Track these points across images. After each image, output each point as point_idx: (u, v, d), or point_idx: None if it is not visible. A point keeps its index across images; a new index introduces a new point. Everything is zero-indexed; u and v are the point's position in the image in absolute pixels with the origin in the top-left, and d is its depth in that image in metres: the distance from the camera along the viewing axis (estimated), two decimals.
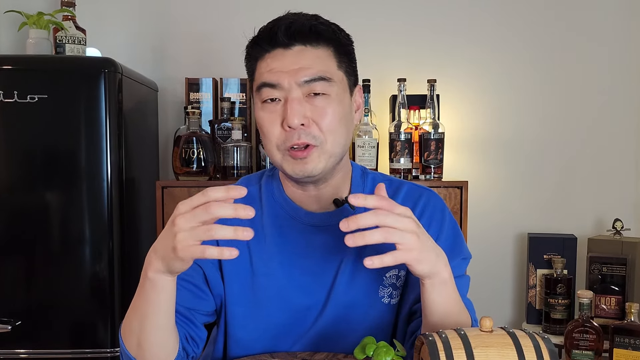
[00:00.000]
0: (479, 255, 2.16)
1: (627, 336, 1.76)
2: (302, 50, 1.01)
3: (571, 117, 2.37)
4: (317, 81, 1.01)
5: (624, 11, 2.33)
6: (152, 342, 0.96)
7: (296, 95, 1.00)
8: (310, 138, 1.01)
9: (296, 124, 0.99)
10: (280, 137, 1.02)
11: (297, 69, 1.00)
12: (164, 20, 2.37)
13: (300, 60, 1.01)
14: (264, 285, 1.10)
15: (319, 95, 1.01)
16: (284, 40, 1.01)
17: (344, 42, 1.06)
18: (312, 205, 1.11)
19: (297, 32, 1.01)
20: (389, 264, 0.85)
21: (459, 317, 0.96)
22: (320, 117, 1.01)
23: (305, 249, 1.10)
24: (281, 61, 1.01)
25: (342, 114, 1.04)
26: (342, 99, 1.04)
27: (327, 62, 1.03)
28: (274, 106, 1.02)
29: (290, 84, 1.00)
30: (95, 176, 1.81)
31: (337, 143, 1.04)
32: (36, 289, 1.83)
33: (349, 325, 1.10)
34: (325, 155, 1.03)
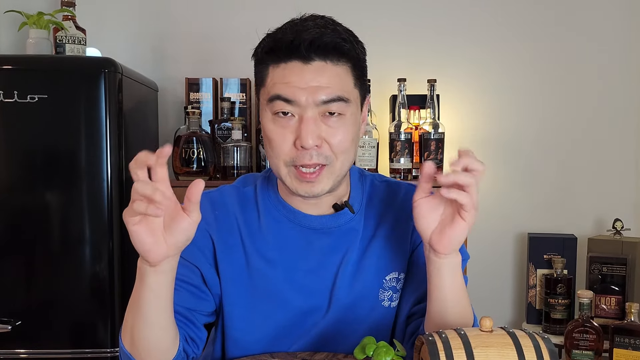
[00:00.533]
0: (479, 255, 2.16)
1: (627, 336, 1.76)
2: (322, 66, 0.97)
3: (571, 117, 2.37)
4: (335, 102, 0.97)
5: (624, 11, 2.33)
6: (144, 338, 0.95)
7: (312, 114, 0.97)
8: (322, 158, 0.99)
9: (310, 145, 0.96)
10: (290, 154, 0.99)
11: (315, 87, 0.96)
12: (164, 20, 2.37)
13: (320, 77, 0.97)
14: (262, 286, 1.09)
15: (334, 115, 0.98)
16: (305, 54, 0.96)
17: (361, 57, 1.03)
18: (311, 209, 1.10)
19: (321, 49, 0.97)
20: (459, 199, 0.86)
21: (464, 310, 0.96)
22: (333, 137, 0.98)
23: (304, 251, 1.09)
24: (299, 76, 0.97)
25: (354, 134, 1.02)
26: (355, 118, 1.02)
27: (346, 80, 1.00)
28: (286, 121, 0.99)
29: (307, 101, 0.96)
30: (95, 176, 1.81)
31: (347, 162, 1.03)
32: (36, 289, 1.83)
33: (348, 327, 1.09)
34: (334, 175, 1.01)
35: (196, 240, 1.07)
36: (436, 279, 0.94)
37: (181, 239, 0.87)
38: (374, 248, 1.10)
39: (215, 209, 1.11)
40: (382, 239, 1.10)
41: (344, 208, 1.10)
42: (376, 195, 1.13)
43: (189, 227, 0.87)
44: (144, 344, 0.95)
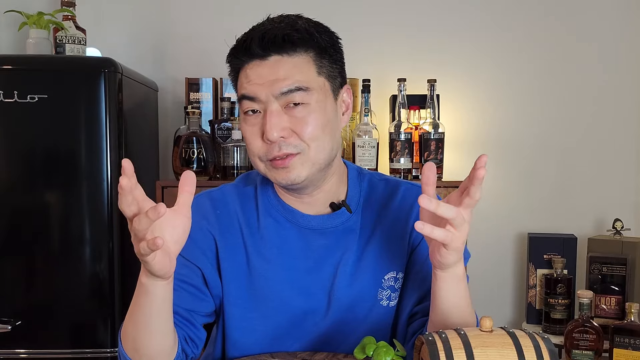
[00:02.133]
0: (479, 255, 2.16)
1: (627, 336, 1.76)
2: (278, 60, 0.99)
3: (571, 117, 2.37)
4: (295, 92, 0.98)
5: (624, 11, 2.33)
6: (148, 346, 0.96)
7: (274, 107, 0.99)
8: (292, 148, 1.00)
9: (275, 137, 0.98)
10: (262, 149, 1.01)
11: (273, 81, 0.98)
12: (164, 20, 2.37)
13: (277, 71, 0.98)
14: (262, 286, 1.09)
15: (298, 105, 0.99)
16: (258, 51, 0.99)
17: (324, 45, 1.02)
18: (308, 209, 1.10)
19: (271, 43, 0.98)
20: (436, 237, 0.85)
21: (467, 316, 0.96)
22: (300, 127, 0.99)
23: (303, 251, 1.09)
24: (257, 73, 0.99)
25: (325, 121, 1.01)
26: (324, 106, 1.02)
27: (305, 70, 1.00)
28: (254, 118, 1.01)
29: (267, 96, 0.99)
30: (95, 176, 1.81)
31: (321, 149, 1.01)
32: (36, 289, 1.83)
33: (347, 327, 1.09)
34: (309, 162, 1.01)
35: (198, 240, 1.07)
36: (438, 289, 0.94)
37: (184, 241, 0.90)
38: (372, 247, 1.10)
39: (217, 208, 1.11)
40: (380, 238, 1.10)
41: (341, 207, 1.10)
42: (374, 194, 1.13)
43: (187, 226, 0.89)
44: (147, 352, 0.96)
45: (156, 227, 0.84)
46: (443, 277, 0.92)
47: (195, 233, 1.00)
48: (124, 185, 0.82)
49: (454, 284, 0.93)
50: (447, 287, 0.93)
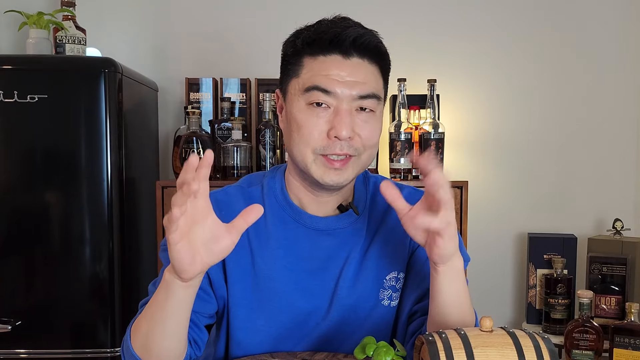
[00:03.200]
0: (479, 255, 2.16)
1: (627, 336, 1.76)
2: (360, 64, 1.02)
3: (571, 117, 2.37)
4: (369, 98, 1.02)
5: (624, 11, 2.33)
6: (160, 347, 0.95)
7: (348, 107, 1.01)
8: (352, 150, 1.02)
9: (345, 136, 1.00)
10: (321, 143, 1.02)
11: (353, 82, 1.01)
12: (164, 20, 2.37)
13: (358, 73, 1.01)
14: (267, 287, 1.09)
15: (365, 111, 1.03)
16: (347, 49, 1.01)
17: (389, 62, 1.08)
18: (316, 209, 1.10)
19: (363, 47, 1.02)
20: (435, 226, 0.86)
21: (466, 312, 0.96)
22: (364, 132, 1.03)
23: (309, 252, 1.10)
24: (339, 69, 1.01)
25: (380, 131, 1.08)
26: (381, 117, 1.08)
27: (378, 79, 1.05)
28: (321, 111, 1.01)
29: (344, 94, 1.00)
30: (95, 176, 1.81)
31: (372, 157, 1.08)
32: (36, 289, 1.83)
33: (350, 328, 1.10)
34: (359, 166, 1.05)
35: None
36: (437, 284, 0.94)
37: (215, 259, 0.88)
38: (375, 248, 1.10)
39: (222, 210, 1.10)
40: (382, 239, 1.11)
41: (348, 209, 1.10)
42: (379, 197, 1.14)
43: (227, 248, 0.87)
44: (158, 352, 0.96)
45: (195, 218, 0.84)
46: (443, 271, 0.92)
47: None
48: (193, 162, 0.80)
49: (453, 279, 0.93)
50: (447, 282, 0.93)
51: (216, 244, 0.86)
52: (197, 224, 0.85)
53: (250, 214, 0.86)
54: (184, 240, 0.83)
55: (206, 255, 0.86)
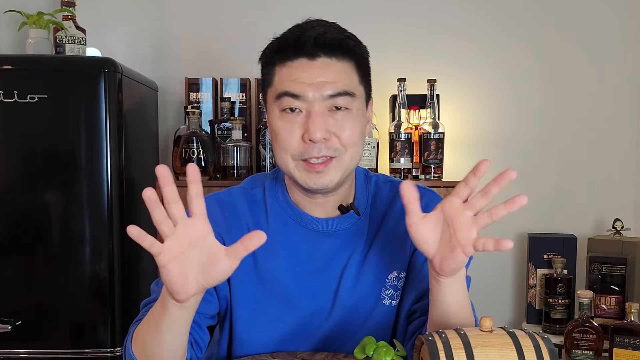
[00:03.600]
0: (479, 255, 2.15)
1: (627, 336, 1.76)
2: (327, 63, 1.00)
3: (571, 117, 2.37)
4: (342, 96, 1.00)
5: (624, 10, 2.33)
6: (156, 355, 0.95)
7: (319, 108, 0.99)
8: (332, 151, 1.01)
9: (319, 138, 0.98)
10: (298, 148, 1.01)
11: (322, 82, 0.99)
12: (164, 20, 2.37)
13: (326, 73, 1.00)
14: (269, 288, 1.10)
15: (341, 110, 1.01)
16: (311, 51, 0.99)
17: (365, 57, 1.06)
18: (317, 211, 1.10)
19: (327, 45, 0.99)
20: (484, 246, 0.88)
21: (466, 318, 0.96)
22: (341, 131, 1.01)
23: (311, 253, 1.10)
24: (306, 72, 0.99)
25: (362, 129, 1.04)
26: (362, 113, 1.04)
27: (351, 76, 1.02)
28: (294, 116, 1.01)
29: (314, 96, 0.99)
30: (95, 176, 1.81)
31: (355, 156, 1.04)
32: (36, 289, 1.83)
33: (352, 327, 1.10)
34: (342, 167, 1.03)
35: None
36: (442, 295, 0.93)
37: (212, 282, 0.84)
38: (377, 248, 1.10)
39: (225, 211, 1.11)
40: (384, 239, 1.11)
41: (349, 210, 1.10)
42: (380, 196, 1.14)
43: (224, 272, 0.83)
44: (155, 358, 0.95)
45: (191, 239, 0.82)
46: (449, 283, 0.91)
47: None
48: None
49: (458, 287, 0.93)
50: (452, 291, 0.92)
51: (213, 267, 0.82)
52: (193, 246, 0.82)
53: (252, 241, 0.82)
54: (174, 261, 0.81)
55: (202, 278, 0.83)
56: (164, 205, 0.82)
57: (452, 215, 0.88)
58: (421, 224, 0.88)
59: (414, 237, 0.89)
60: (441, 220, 0.88)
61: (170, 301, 0.86)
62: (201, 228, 0.82)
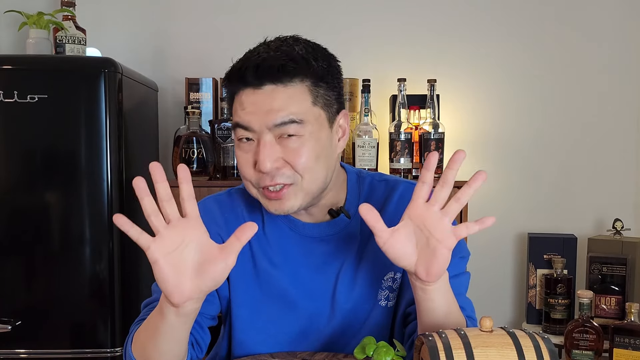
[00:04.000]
0: (478, 255, 2.15)
1: (627, 336, 1.76)
2: (272, 90, 0.97)
3: (571, 117, 2.37)
4: (289, 124, 0.96)
5: (624, 10, 2.33)
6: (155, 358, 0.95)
7: (268, 138, 0.97)
8: (285, 178, 0.98)
9: (268, 168, 0.97)
10: (255, 177, 1.00)
11: (267, 111, 0.96)
12: (164, 20, 2.37)
13: (271, 101, 0.96)
14: (268, 290, 1.10)
15: (292, 137, 0.97)
16: (252, 80, 0.97)
17: (320, 73, 1.00)
18: (308, 218, 1.10)
19: (266, 73, 0.96)
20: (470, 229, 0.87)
21: (456, 319, 0.95)
22: (293, 158, 0.98)
23: (306, 257, 1.10)
24: (252, 101, 0.97)
25: (319, 151, 1.00)
26: (318, 136, 1.00)
27: (300, 101, 0.98)
28: (248, 146, 1.00)
29: (261, 127, 0.97)
30: (95, 176, 1.81)
31: (314, 180, 1.01)
32: (36, 289, 1.83)
33: (350, 331, 1.10)
34: (302, 192, 1.00)
35: None
36: (427, 303, 0.92)
37: (209, 284, 0.84)
38: (372, 249, 1.10)
39: (225, 212, 1.11)
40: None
41: (340, 214, 1.09)
42: (374, 196, 1.13)
43: (221, 271, 0.83)
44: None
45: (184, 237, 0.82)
46: (437, 288, 0.90)
47: None
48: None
49: (446, 289, 0.92)
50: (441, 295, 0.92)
51: (208, 267, 0.82)
52: (186, 244, 0.82)
53: (244, 233, 0.82)
54: (166, 258, 0.81)
55: (198, 280, 0.82)
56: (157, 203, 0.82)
57: (421, 217, 0.87)
58: (393, 240, 0.87)
59: (390, 255, 0.88)
60: (412, 228, 0.88)
61: (168, 307, 0.86)
62: (195, 227, 0.83)
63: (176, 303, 0.84)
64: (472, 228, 0.87)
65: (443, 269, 0.88)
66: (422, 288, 0.91)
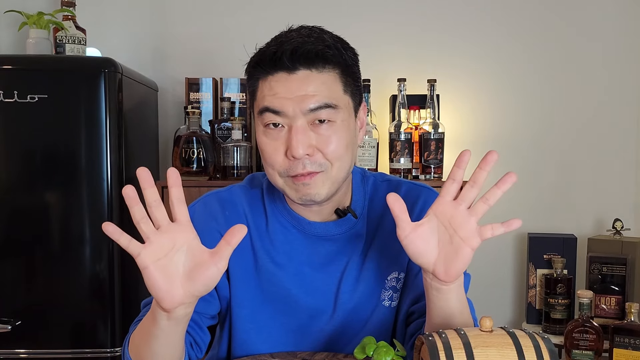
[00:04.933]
0: (479, 255, 2.14)
1: (627, 336, 1.76)
2: (307, 75, 0.96)
3: (571, 117, 2.37)
4: (323, 109, 0.96)
5: (624, 11, 2.33)
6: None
7: (301, 124, 0.96)
8: (316, 166, 0.98)
9: (301, 155, 0.96)
10: (284, 165, 0.99)
11: (302, 96, 0.96)
12: (164, 20, 2.37)
13: (306, 86, 0.96)
14: (270, 289, 1.10)
15: (324, 123, 0.97)
16: (288, 64, 0.96)
17: (350, 62, 1.01)
18: (314, 216, 1.10)
19: (303, 57, 0.96)
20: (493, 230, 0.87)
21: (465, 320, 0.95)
22: (325, 145, 0.97)
23: (310, 256, 1.10)
24: (285, 86, 0.96)
25: (348, 140, 1.00)
26: (348, 124, 1.01)
27: (333, 87, 0.98)
28: (277, 132, 0.98)
29: (295, 111, 0.96)
30: (95, 176, 1.81)
31: (343, 168, 1.01)
32: (36, 289, 1.83)
33: (352, 330, 1.10)
34: (330, 180, 1.00)
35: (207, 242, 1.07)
36: (441, 302, 0.92)
37: (200, 288, 0.82)
38: (376, 249, 1.10)
39: (226, 209, 1.11)
40: (382, 240, 1.10)
41: (346, 214, 1.09)
42: (378, 196, 1.13)
43: (212, 276, 0.82)
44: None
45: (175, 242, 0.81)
46: (452, 289, 0.90)
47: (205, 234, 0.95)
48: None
49: (459, 292, 0.92)
50: (455, 296, 0.91)
51: (200, 272, 0.81)
52: (176, 250, 0.81)
53: (234, 236, 0.81)
54: (156, 264, 0.80)
55: (189, 285, 0.82)
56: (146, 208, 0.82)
57: (448, 215, 0.87)
58: (415, 235, 0.87)
59: (410, 250, 0.88)
60: (436, 225, 0.88)
61: (159, 311, 0.85)
62: (185, 232, 0.82)
63: (167, 308, 0.83)
64: (497, 229, 0.86)
65: (462, 269, 0.88)
66: (437, 288, 0.90)
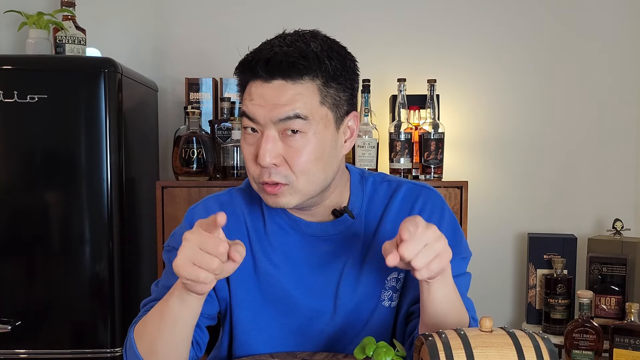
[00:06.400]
0: (479, 255, 2.15)
1: (627, 336, 1.76)
2: (282, 85, 0.96)
3: (571, 117, 2.37)
4: (293, 119, 0.96)
5: (625, 11, 2.33)
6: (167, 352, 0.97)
7: (271, 133, 0.97)
8: (281, 177, 0.98)
9: (267, 163, 0.97)
10: (255, 171, 1.00)
11: (274, 105, 0.96)
12: (164, 20, 2.37)
13: (279, 96, 0.96)
14: (269, 290, 1.10)
15: (296, 134, 0.97)
16: (262, 74, 0.96)
17: (332, 72, 0.99)
18: (311, 217, 1.10)
19: (276, 68, 0.96)
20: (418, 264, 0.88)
21: (459, 317, 0.96)
22: (292, 158, 0.97)
23: (308, 257, 1.10)
24: (260, 94, 0.97)
25: (321, 152, 0.99)
26: (322, 136, 0.99)
27: (309, 98, 0.97)
28: (252, 138, 1.00)
29: (265, 120, 0.97)
30: (95, 176, 1.81)
31: (311, 182, 1.00)
32: (36, 289, 1.83)
33: (353, 330, 1.10)
34: (298, 194, 1.00)
35: None
36: (429, 298, 0.93)
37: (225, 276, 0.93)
38: (376, 249, 1.10)
39: (225, 212, 1.11)
40: (382, 240, 1.10)
41: (343, 214, 1.09)
42: (377, 196, 1.13)
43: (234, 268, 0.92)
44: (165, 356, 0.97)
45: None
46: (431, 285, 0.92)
47: None
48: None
49: (442, 289, 0.93)
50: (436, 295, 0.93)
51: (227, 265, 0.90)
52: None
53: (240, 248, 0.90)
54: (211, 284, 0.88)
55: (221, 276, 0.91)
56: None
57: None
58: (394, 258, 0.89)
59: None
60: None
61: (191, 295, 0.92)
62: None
63: (205, 293, 0.92)
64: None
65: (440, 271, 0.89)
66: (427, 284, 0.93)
